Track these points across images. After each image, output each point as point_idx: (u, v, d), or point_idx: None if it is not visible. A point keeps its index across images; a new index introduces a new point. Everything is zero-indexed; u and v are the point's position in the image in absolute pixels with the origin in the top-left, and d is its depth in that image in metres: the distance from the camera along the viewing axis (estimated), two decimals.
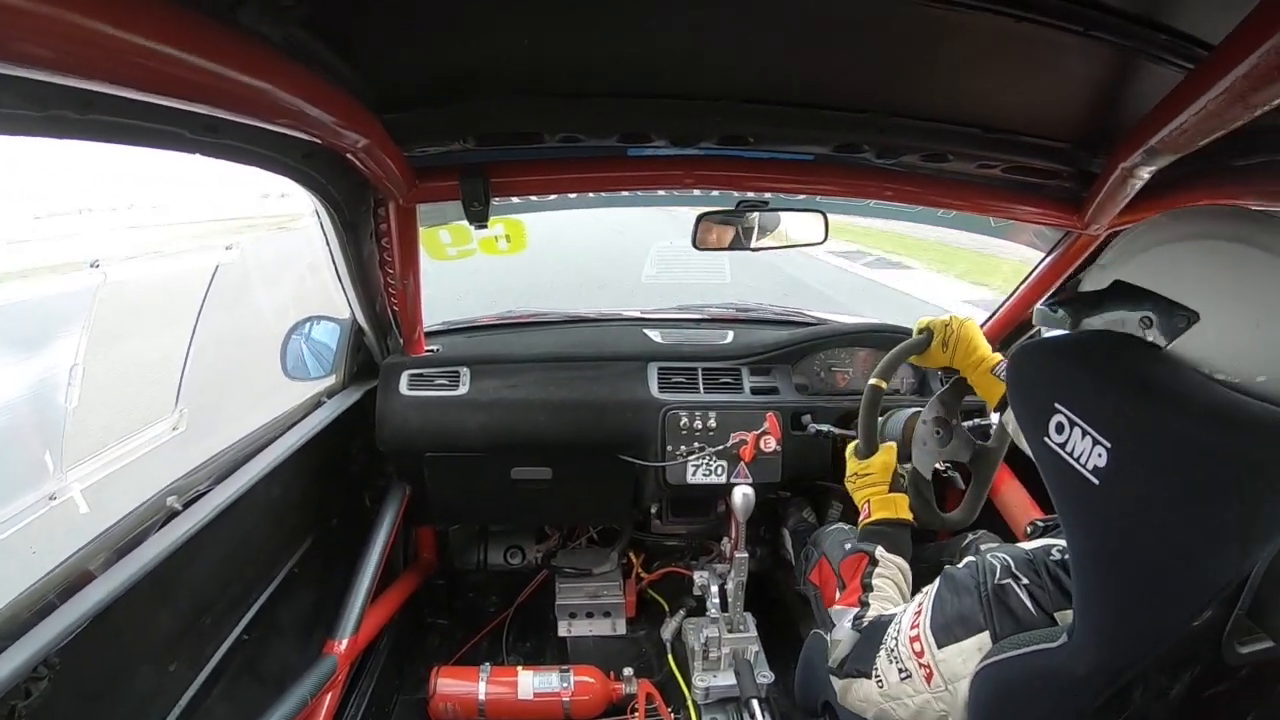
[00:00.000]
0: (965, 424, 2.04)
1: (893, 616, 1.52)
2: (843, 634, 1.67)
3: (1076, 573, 1.12)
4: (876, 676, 1.47)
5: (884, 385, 2.01)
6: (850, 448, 2.02)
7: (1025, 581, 1.23)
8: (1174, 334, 1.04)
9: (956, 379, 2.01)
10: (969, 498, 2.05)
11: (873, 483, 1.90)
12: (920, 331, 2.00)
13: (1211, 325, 1.02)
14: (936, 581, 1.41)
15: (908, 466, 2.04)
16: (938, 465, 2.06)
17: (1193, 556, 0.99)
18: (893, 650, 1.43)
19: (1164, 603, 1.04)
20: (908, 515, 1.85)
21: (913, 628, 1.39)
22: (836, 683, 1.64)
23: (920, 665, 1.35)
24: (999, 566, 1.28)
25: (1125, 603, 1.06)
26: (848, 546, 1.92)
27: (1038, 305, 1.27)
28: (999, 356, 1.89)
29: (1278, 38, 0.83)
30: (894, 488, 1.89)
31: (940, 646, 1.31)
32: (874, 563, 1.75)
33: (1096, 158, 1.73)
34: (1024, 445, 1.71)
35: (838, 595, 1.80)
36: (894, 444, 1.96)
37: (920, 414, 2.06)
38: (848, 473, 1.98)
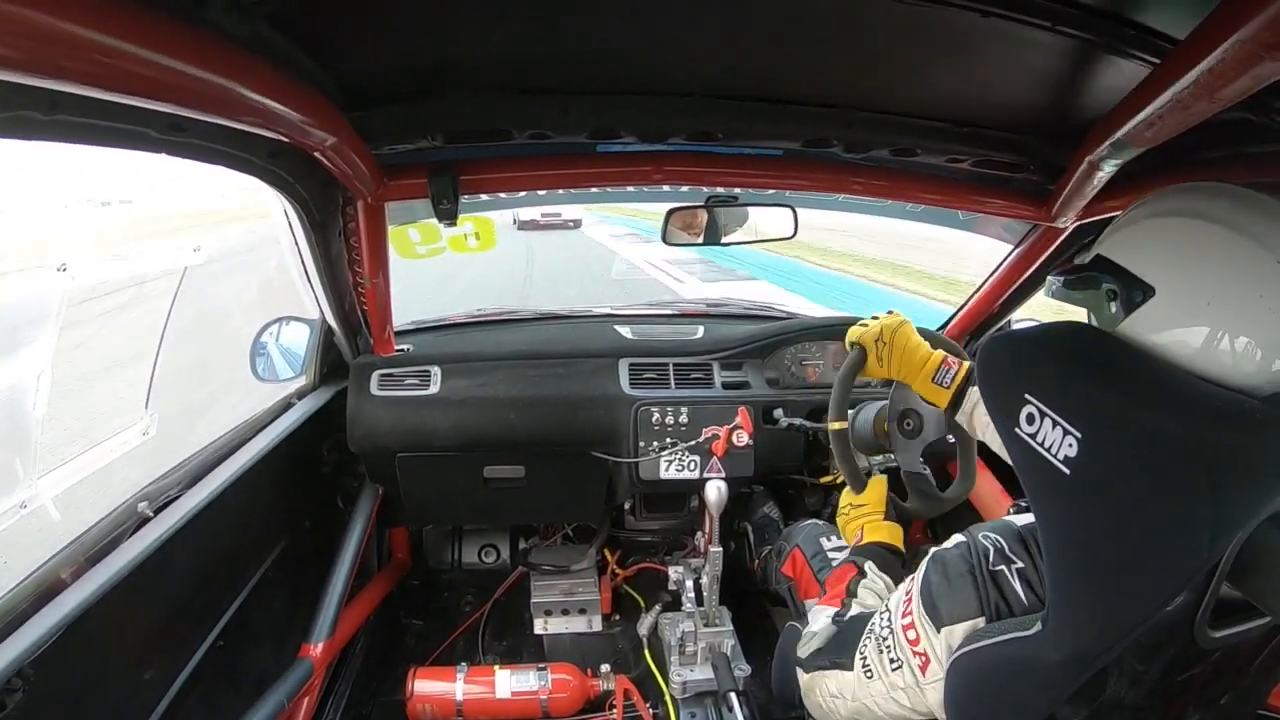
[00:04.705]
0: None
1: (873, 611, 1.50)
2: (820, 626, 1.65)
3: (1049, 561, 1.13)
4: (864, 667, 1.43)
5: (845, 424, 1.97)
6: (844, 492, 2.00)
7: (1019, 565, 1.21)
8: (1131, 307, 1.09)
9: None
10: (962, 468, 2.05)
11: (867, 514, 1.90)
12: (851, 347, 1.96)
13: (1166, 299, 1.06)
14: (923, 566, 1.37)
15: (876, 459, 2.06)
16: (922, 458, 2.05)
17: (1164, 544, 1.01)
18: (884, 640, 1.39)
19: (1136, 590, 1.05)
20: (901, 544, 1.85)
21: (905, 615, 1.35)
22: (802, 677, 1.62)
23: (915, 654, 1.32)
24: (992, 550, 1.26)
25: (1098, 590, 1.07)
26: (833, 556, 1.93)
27: (1050, 275, 1.29)
28: (939, 355, 1.85)
29: (1243, 32, 0.84)
30: (888, 517, 1.88)
31: (937, 630, 1.29)
32: (862, 574, 1.73)
33: (1063, 151, 1.75)
34: (985, 438, 1.74)
35: (817, 600, 1.78)
36: (884, 477, 1.96)
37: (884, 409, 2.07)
38: (841, 505, 1.97)
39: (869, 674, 1.41)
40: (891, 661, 1.37)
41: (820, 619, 1.68)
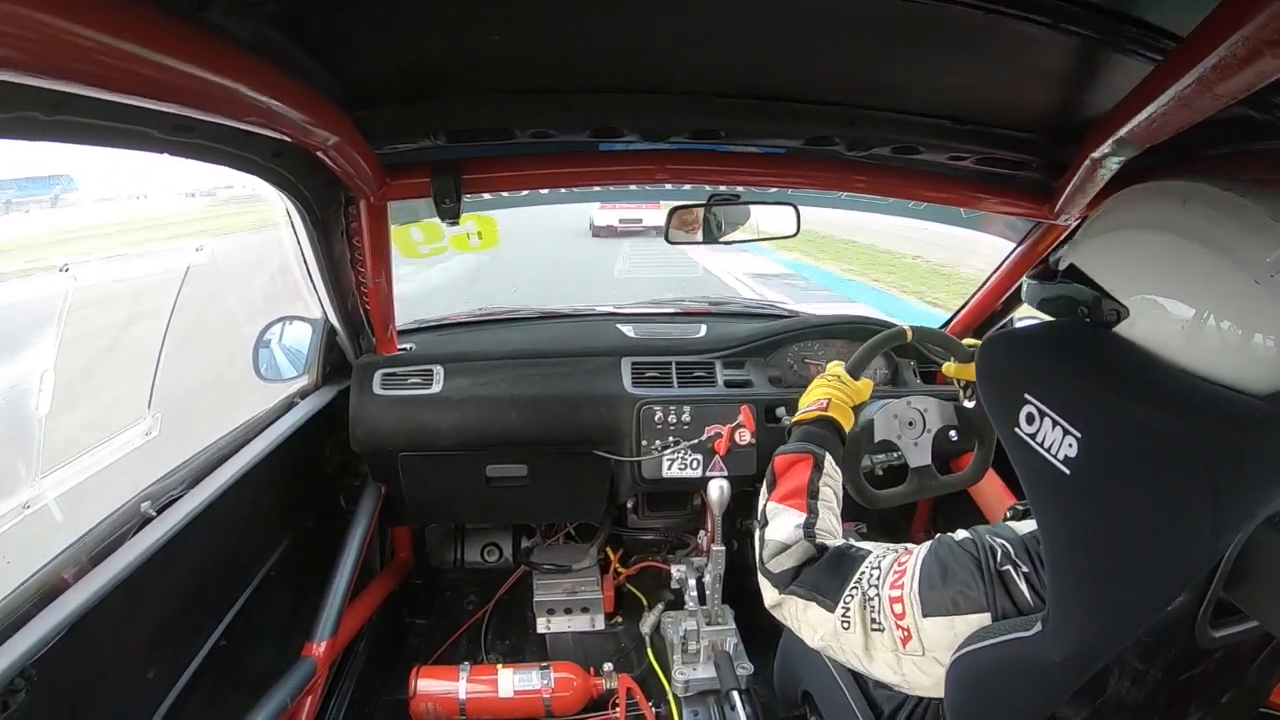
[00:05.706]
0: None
1: (864, 555, 1.43)
2: (787, 536, 1.53)
3: (1050, 561, 1.12)
4: (844, 616, 1.37)
5: (910, 335, 1.99)
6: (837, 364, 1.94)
7: (1025, 569, 1.21)
8: (1106, 326, 1.07)
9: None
10: (978, 457, 2.03)
11: (844, 392, 1.82)
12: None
13: (1142, 319, 1.05)
14: (925, 546, 1.34)
15: (879, 456, 2.05)
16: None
17: (1164, 544, 1.00)
18: (871, 600, 1.34)
19: (1136, 590, 1.04)
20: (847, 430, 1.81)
21: (895, 587, 1.31)
22: (770, 591, 1.52)
23: (898, 626, 1.29)
24: (1000, 550, 1.24)
25: (1098, 590, 1.06)
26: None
27: (1025, 277, 1.28)
28: None
29: (1246, 29, 0.84)
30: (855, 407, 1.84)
31: (926, 615, 1.25)
32: (819, 469, 1.63)
33: (1066, 149, 1.74)
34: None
35: (767, 493, 1.65)
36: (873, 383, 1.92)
37: (889, 405, 2.05)
38: (829, 370, 1.88)
39: (847, 625, 1.37)
40: (873, 623, 1.33)
41: (784, 525, 1.56)
